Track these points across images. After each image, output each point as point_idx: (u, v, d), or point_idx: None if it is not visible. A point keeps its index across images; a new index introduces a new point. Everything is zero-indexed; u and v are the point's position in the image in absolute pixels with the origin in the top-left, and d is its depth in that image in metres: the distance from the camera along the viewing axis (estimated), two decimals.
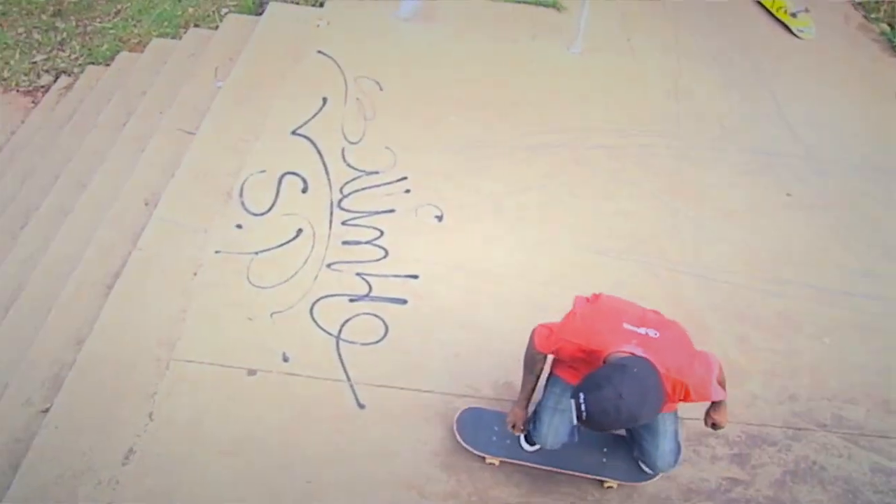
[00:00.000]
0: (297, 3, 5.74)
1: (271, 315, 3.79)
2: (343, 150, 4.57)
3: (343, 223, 4.22)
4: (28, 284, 4.37)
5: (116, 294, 3.91)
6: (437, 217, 4.30)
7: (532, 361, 3.06)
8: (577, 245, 4.28)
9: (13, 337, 4.12)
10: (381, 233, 4.19)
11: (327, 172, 4.45)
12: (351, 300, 3.88)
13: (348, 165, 4.50)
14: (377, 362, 3.69)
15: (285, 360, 3.66)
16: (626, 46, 5.65)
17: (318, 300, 3.88)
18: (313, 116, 4.76)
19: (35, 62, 6.70)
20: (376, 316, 3.85)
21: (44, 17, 7.07)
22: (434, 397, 3.55)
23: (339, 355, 3.68)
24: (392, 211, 4.30)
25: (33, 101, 6.44)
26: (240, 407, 3.51)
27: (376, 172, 4.48)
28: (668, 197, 4.64)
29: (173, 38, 6.21)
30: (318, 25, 5.37)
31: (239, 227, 4.17)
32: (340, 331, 3.77)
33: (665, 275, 4.22)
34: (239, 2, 6.22)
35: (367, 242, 4.14)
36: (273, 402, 3.53)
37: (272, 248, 4.06)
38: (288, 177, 4.42)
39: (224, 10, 6.19)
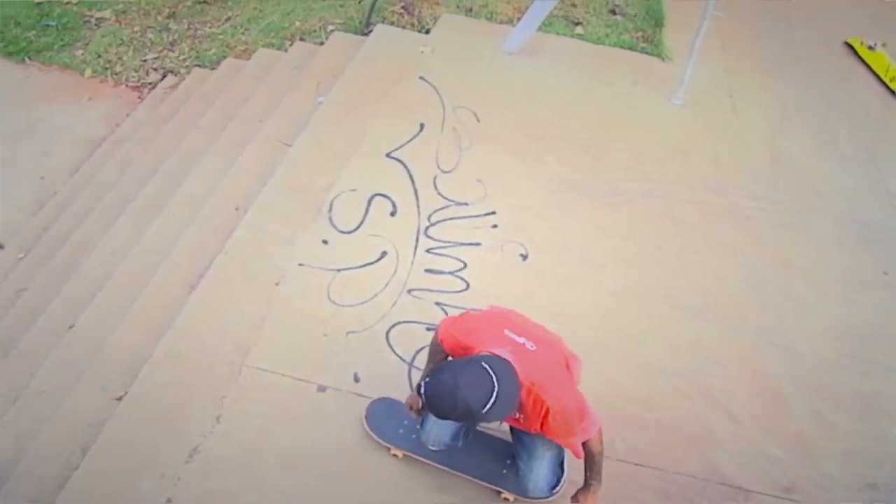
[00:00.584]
0: (404, 28, 5.80)
1: (347, 334, 3.80)
2: (435, 178, 4.59)
3: (428, 251, 4.22)
4: (117, 273, 4.48)
5: (199, 294, 3.98)
6: (521, 255, 4.27)
7: (434, 350, 3.13)
8: (658, 298, 4.20)
9: (97, 322, 4.23)
10: (465, 265, 4.17)
11: (417, 198, 4.47)
12: (428, 329, 3.85)
13: (439, 194, 4.51)
14: None
15: (356, 380, 3.66)
16: (728, 103, 5.57)
17: (395, 325, 3.87)
18: (409, 141, 4.79)
19: (146, 60, 6.93)
20: None
21: (159, 18, 7.32)
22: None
23: (410, 382, 3.65)
24: (478, 244, 4.28)
25: (140, 97, 6.66)
26: (306, 421, 3.51)
27: (466, 204, 4.48)
28: (756, 260, 4.52)
29: (279, 49, 6.34)
30: (422, 51, 5.42)
31: (325, 242, 4.21)
32: (414, 358, 3.74)
33: (744, 339, 4.10)
34: (345, 20, 6.32)
35: (449, 273, 4.12)
36: (339, 421, 3.52)
37: (355, 268, 4.08)
38: (378, 198, 4.45)
39: (330, 27, 6.30)
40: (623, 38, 5.92)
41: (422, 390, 2.62)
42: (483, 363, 2.59)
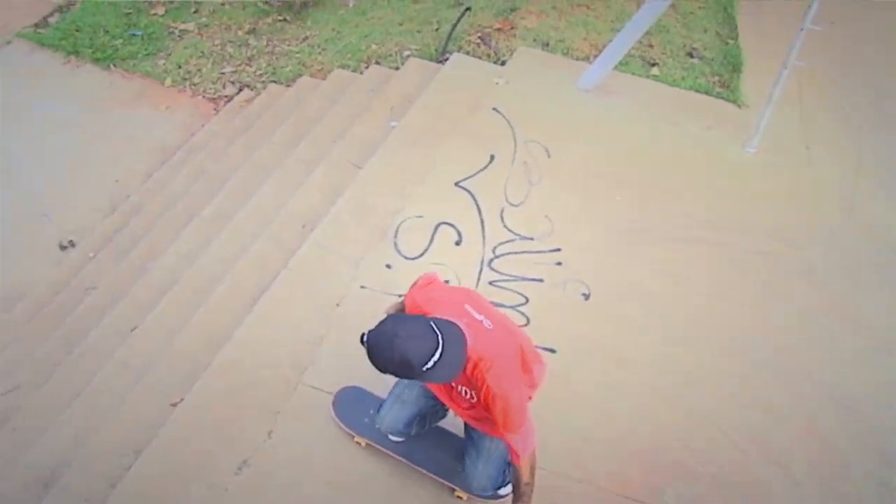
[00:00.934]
0: (480, 58, 5.83)
1: None
2: (503, 211, 4.58)
3: (490, 283, 4.20)
4: (182, 280, 4.57)
5: (260, 308, 4.03)
6: (584, 294, 4.22)
7: (397, 311, 3.13)
8: (719, 348, 4.10)
9: (160, 326, 4.32)
10: (527, 300, 4.14)
11: (483, 230, 4.46)
12: None
13: (505, 227, 4.50)
14: None
15: None
16: (804, 153, 5.45)
17: None
18: (479, 172, 4.80)
19: (224, 73, 7.09)
20: None
21: (240, 33, 7.49)
22: (551, 477, 3.45)
23: None
24: (541, 280, 4.25)
25: (215, 109, 6.81)
26: (355, 444, 3.51)
27: (531, 239, 4.46)
28: (823, 314, 4.38)
29: (354, 71, 6.42)
30: (496, 83, 5.44)
31: (388, 266, 4.23)
32: None
33: (807, 395, 3.98)
34: (422, 47, 6.37)
35: (510, 307, 4.09)
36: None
37: None
38: (444, 226, 4.46)
39: (406, 53, 6.36)
40: (699, 82, 5.86)
41: (364, 339, 2.55)
42: (431, 322, 2.54)
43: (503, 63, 5.74)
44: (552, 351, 3.93)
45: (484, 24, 6.28)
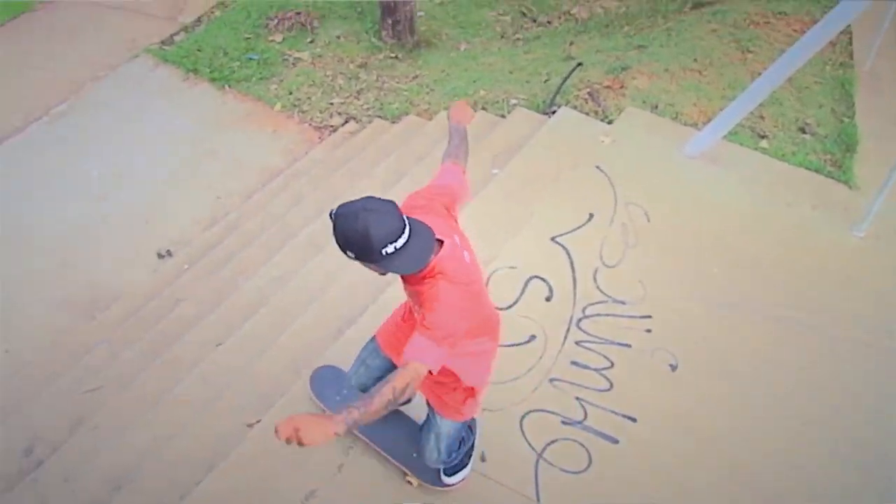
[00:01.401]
0: (587, 114, 5.80)
1: (482, 411, 3.75)
2: (596, 271, 4.51)
3: (577, 343, 4.13)
4: (271, 302, 4.64)
5: (346, 339, 4.04)
6: (671, 365, 4.11)
7: None
8: (802, 433, 3.92)
9: (244, 345, 4.38)
10: (612, 364, 4.05)
11: (575, 288, 4.40)
12: (563, 422, 3.76)
13: (597, 287, 4.43)
14: (571, 494, 3.53)
15: (483, 459, 3.60)
16: None
17: (530, 411, 3.79)
18: (576, 229, 4.75)
19: (332, 103, 7.26)
20: (584, 446, 3.70)
21: (351, 66, 7.67)
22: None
23: (536, 474, 3.56)
24: (628, 346, 4.15)
25: (320, 137, 6.96)
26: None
27: (623, 302, 4.37)
28: None
29: None
30: (602, 141, 5.40)
31: None
32: (544, 449, 3.65)
33: (886, 486, 3.75)
34: (529, 97, 6.39)
35: (595, 369, 4.01)
36: (457, 495, 3.48)
37: (501, 346, 4.02)
38: (535, 280, 4.41)
39: (513, 101, 6.38)
40: (809, 159, 5.69)
41: (332, 212, 2.49)
42: (405, 216, 2.45)
43: (610, 121, 5.70)
44: (632, 419, 3.83)
45: (594, 80, 6.27)
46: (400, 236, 2.41)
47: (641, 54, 6.65)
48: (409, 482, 3.51)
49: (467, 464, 3.50)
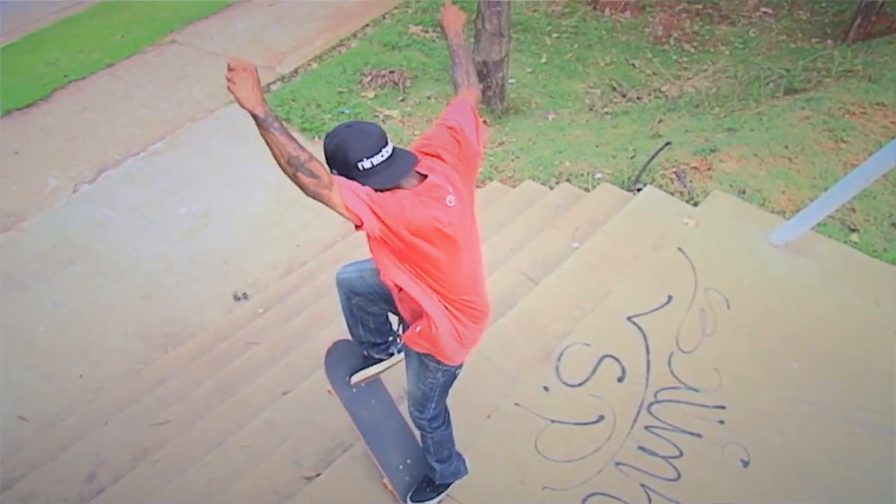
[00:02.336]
0: (672, 195, 5.74)
1: (543, 488, 3.68)
2: (671, 356, 4.41)
3: (646, 427, 4.02)
4: None
5: None
6: (742, 461, 3.95)
7: None
8: None
9: (311, 396, 4.41)
10: (681, 453, 3.92)
11: (648, 371, 4.31)
12: None
13: (671, 372, 4.32)
14: None
15: None
16: None
17: (593, 494, 3.69)
18: (653, 310, 4.66)
19: None
20: None
21: None
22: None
23: None
24: (699, 436, 4.02)
25: None
26: None
27: (696, 390, 4.25)
28: None
29: (544, 184, 6.48)
30: (685, 223, 5.32)
31: (546, 389, 4.14)
32: None
33: None
34: (614, 172, 6.37)
35: (663, 457, 3.89)
36: None
37: (569, 423, 3.97)
38: (608, 359, 4.34)
39: (598, 175, 6.37)
40: None
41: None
42: (394, 145, 2.65)
43: (696, 203, 5.62)
44: None
45: (681, 160, 6.21)
46: (377, 154, 2.58)
47: (731, 137, 6.57)
48: (384, 485, 3.69)
49: (433, 497, 3.64)
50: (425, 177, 2.70)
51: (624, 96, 8.78)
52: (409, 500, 3.63)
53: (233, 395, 4.76)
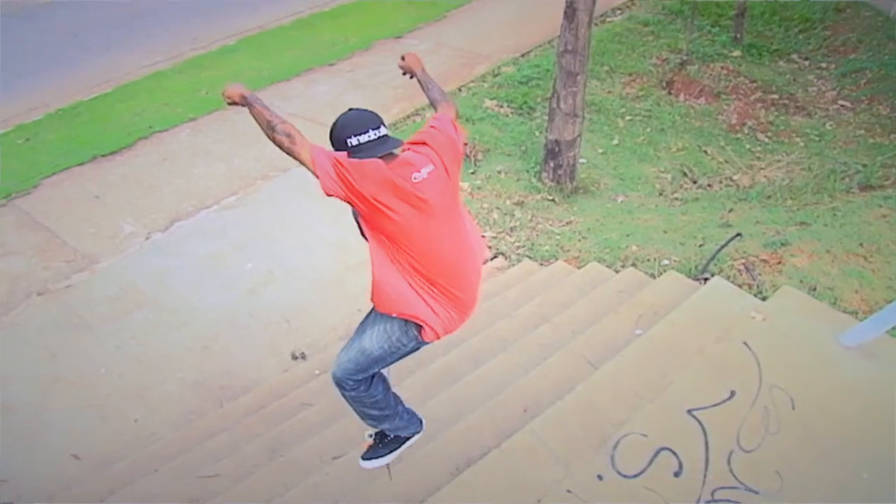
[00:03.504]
0: (740, 287, 5.65)
1: None
2: (731, 454, 4.27)
3: None
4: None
5: (462, 480, 3.99)
6: None
7: None
8: None
9: (360, 466, 4.39)
10: None
11: (706, 468, 4.18)
12: None
13: (731, 471, 4.18)
14: None
15: None
16: None
17: None
18: (715, 405, 4.54)
19: (484, 236, 7.37)
20: None
21: (508, 202, 7.86)
22: None
23: None
24: None
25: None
26: None
27: (756, 492, 4.09)
28: None
29: (610, 267, 6.44)
30: (753, 317, 5.22)
31: (599, 477, 4.05)
32: None
33: None
34: (682, 260, 6.30)
35: None
36: None
37: None
38: (665, 452, 4.23)
39: (665, 262, 6.32)
40: None
41: None
42: (388, 133, 3.26)
43: (764, 298, 5.51)
44: None
45: (750, 252, 6.13)
46: (364, 133, 3.17)
47: (803, 231, 6.48)
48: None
49: (384, 454, 4.00)
50: None
51: (695, 183, 8.75)
52: (361, 460, 3.98)
53: (282, 454, 4.78)
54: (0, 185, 8.38)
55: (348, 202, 3.03)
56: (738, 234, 6.33)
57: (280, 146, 3.05)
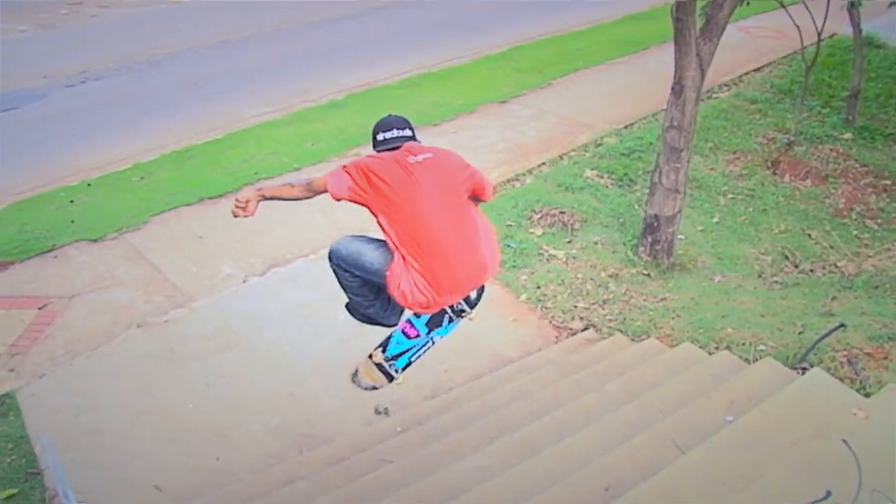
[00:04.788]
0: (840, 380, 5.42)
1: None
2: None
3: None
4: (472, 491, 4.58)
5: None
6: None
7: None
8: None
9: None
10: None
11: None
12: None
13: None
14: None
15: None
16: None
17: None
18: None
19: (576, 306, 7.33)
20: None
21: (602, 274, 7.79)
22: None
23: None
24: None
25: (557, 338, 7.00)
26: None
27: None
28: None
29: (703, 348, 6.28)
30: (854, 414, 5.00)
31: None
32: None
33: None
34: (779, 346, 6.09)
35: None
36: None
37: None
38: None
39: (761, 347, 6.12)
40: None
41: None
42: (416, 139, 4.35)
43: (867, 394, 5.26)
44: None
45: (854, 344, 5.88)
46: (390, 131, 4.26)
47: None
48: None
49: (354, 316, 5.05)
50: None
51: (796, 267, 8.50)
52: (345, 306, 4.96)
53: None
54: (113, 219, 8.84)
55: (354, 200, 4.09)
56: (842, 325, 6.08)
57: (308, 198, 4.37)
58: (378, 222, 4.09)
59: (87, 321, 7.19)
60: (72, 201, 9.32)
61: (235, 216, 4.19)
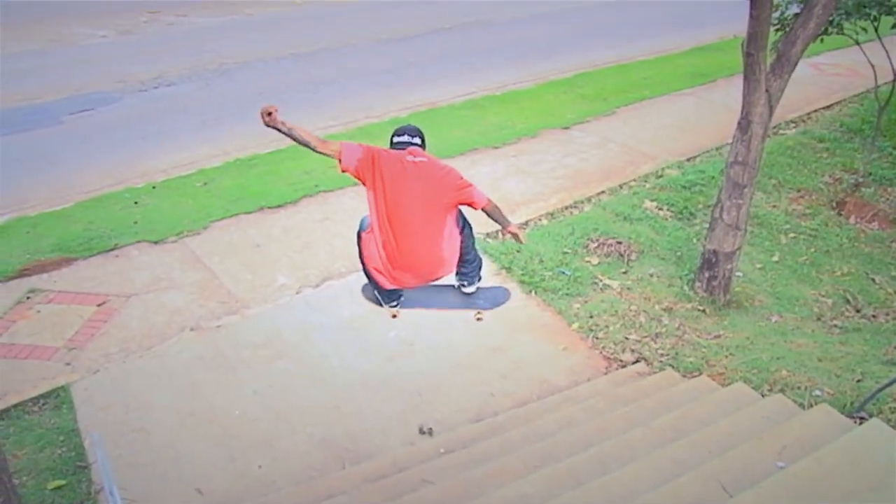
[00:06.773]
0: None
1: None
2: None
3: None
4: None
5: None
6: None
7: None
8: None
9: None
10: None
11: None
12: None
13: None
14: None
15: None
16: None
17: None
18: None
19: (628, 338, 7.21)
20: None
21: (657, 307, 7.66)
22: None
23: None
24: None
25: (606, 369, 6.88)
26: None
27: None
28: None
29: (756, 389, 6.12)
30: None
31: None
32: None
33: None
34: (836, 393, 5.92)
35: None
36: None
37: None
38: None
39: (816, 392, 5.96)
40: None
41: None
42: (423, 144, 5.57)
43: None
44: None
45: None
46: (402, 136, 5.47)
47: None
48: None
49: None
50: None
51: (858, 311, 8.28)
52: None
53: None
54: (175, 222, 9.03)
55: (358, 176, 5.27)
56: None
57: (321, 153, 5.13)
58: (367, 196, 5.29)
59: (143, 321, 7.35)
60: (136, 203, 9.58)
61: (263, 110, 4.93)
